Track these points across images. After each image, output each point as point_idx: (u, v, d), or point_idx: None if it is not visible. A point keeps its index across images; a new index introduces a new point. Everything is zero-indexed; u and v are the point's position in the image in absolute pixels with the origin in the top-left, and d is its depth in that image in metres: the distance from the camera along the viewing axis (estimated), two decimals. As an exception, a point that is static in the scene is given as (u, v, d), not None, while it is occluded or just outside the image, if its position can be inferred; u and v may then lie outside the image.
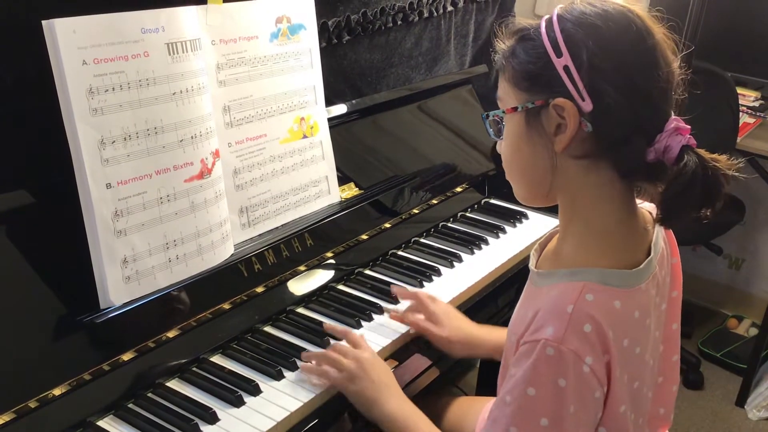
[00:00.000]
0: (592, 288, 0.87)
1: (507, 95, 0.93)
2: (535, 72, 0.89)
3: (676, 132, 0.85)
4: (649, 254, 0.93)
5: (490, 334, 1.27)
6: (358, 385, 1.08)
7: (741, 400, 2.51)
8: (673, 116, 0.88)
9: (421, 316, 1.27)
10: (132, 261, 1.08)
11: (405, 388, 1.20)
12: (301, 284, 1.32)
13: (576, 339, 0.85)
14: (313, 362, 1.12)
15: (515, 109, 0.91)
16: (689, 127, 0.86)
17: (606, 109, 0.85)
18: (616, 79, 0.85)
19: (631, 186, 0.92)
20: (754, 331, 2.82)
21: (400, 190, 1.59)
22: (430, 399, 1.45)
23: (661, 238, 0.97)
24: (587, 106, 0.85)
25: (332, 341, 1.19)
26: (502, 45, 0.94)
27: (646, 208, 0.98)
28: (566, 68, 0.86)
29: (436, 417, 1.43)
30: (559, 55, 0.86)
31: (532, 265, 1.01)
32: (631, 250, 0.93)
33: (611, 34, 0.86)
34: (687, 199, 0.85)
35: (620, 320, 0.88)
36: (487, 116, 0.96)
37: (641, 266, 0.91)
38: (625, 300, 0.89)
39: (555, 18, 0.89)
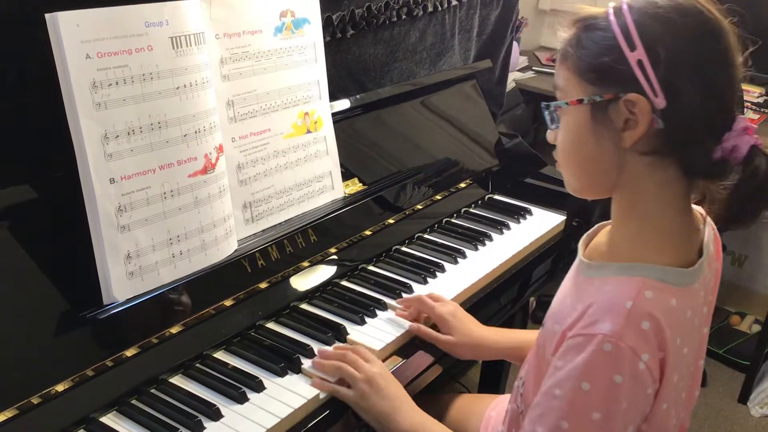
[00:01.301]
0: (651, 285, 0.86)
1: (570, 86, 0.90)
2: (605, 65, 0.86)
3: (745, 132, 0.84)
4: (701, 254, 0.92)
5: (498, 338, 1.27)
6: (370, 402, 1.07)
7: (744, 397, 2.51)
8: (740, 115, 0.86)
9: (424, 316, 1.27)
10: (135, 256, 1.07)
11: (408, 385, 1.20)
12: (305, 280, 1.31)
13: (634, 335, 0.84)
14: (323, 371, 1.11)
15: (580, 101, 0.88)
16: (755, 126, 0.85)
17: (680, 107, 0.83)
18: (693, 77, 0.83)
19: (691, 184, 0.90)
20: (757, 328, 2.82)
21: (404, 185, 1.58)
22: (433, 396, 1.45)
23: (711, 238, 0.96)
24: (660, 102, 0.83)
25: (338, 342, 1.19)
26: (563, 33, 0.91)
27: (696, 208, 0.96)
28: (640, 62, 0.83)
29: (438, 414, 1.42)
30: (632, 48, 0.83)
31: (580, 254, 0.99)
32: (686, 249, 0.92)
33: (689, 30, 0.84)
34: (759, 200, 0.85)
35: (676, 319, 0.87)
36: (548, 107, 0.93)
37: (696, 266, 0.90)
38: (680, 298, 0.88)
39: (626, 8, 0.85)
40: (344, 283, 1.37)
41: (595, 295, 0.88)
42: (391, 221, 1.52)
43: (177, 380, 1.08)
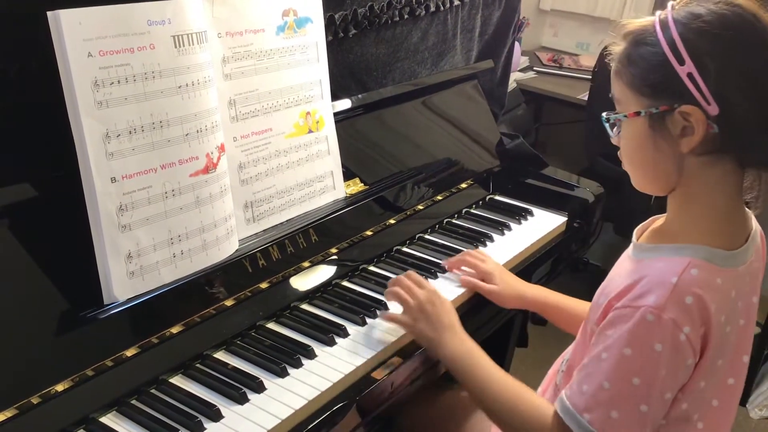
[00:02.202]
0: (698, 264, 0.93)
1: (626, 98, 0.96)
2: (657, 79, 0.91)
3: None
4: (747, 241, 0.98)
5: (539, 291, 1.37)
6: (419, 328, 1.16)
7: (743, 399, 2.51)
8: None
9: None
10: (136, 256, 1.07)
11: (409, 384, 1.20)
12: (305, 280, 1.31)
13: (677, 308, 0.90)
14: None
15: (638, 113, 0.94)
16: None
17: (733, 113, 0.88)
18: (743, 84, 0.88)
19: (744, 173, 0.95)
20: (756, 330, 2.82)
21: (405, 186, 1.58)
22: (436, 393, 1.45)
23: (758, 233, 1.02)
24: (713, 110, 0.88)
25: (339, 342, 1.18)
26: (615, 46, 0.97)
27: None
28: (690, 75, 0.88)
29: (439, 413, 1.43)
30: (681, 62, 0.89)
31: (634, 240, 1.06)
32: (734, 234, 0.98)
33: (735, 42, 0.88)
34: None
35: (720, 297, 0.93)
36: (608, 120, 0.99)
37: (740, 249, 0.96)
38: (725, 279, 0.94)
39: (671, 23, 0.90)
40: (345, 283, 1.37)
41: (646, 271, 0.95)
42: (392, 221, 1.52)
43: (177, 380, 1.08)
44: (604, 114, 1.00)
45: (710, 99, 0.88)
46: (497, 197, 1.78)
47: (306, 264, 1.32)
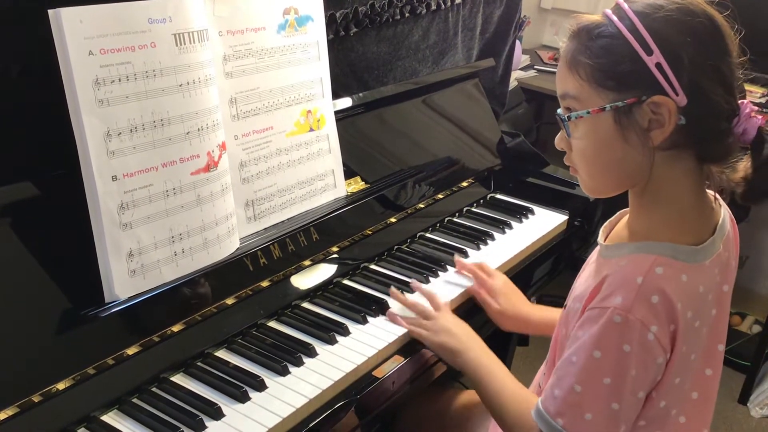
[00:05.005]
0: (662, 261, 0.92)
1: (586, 94, 0.93)
2: (623, 71, 0.89)
3: (750, 115, 0.89)
4: (714, 233, 0.97)
5: (541, 314, 1.33)
6: (443, 338, 1.17)
7: (744, 398, 2.51)
8: (743, 100, 0.91)
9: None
10: (137, 254, 1.07)
11: (412, 383, 1.20)
12: (306, 279, 1.31)
13: (643, 308, 0.90)
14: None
15: (602, 109, 0.91)
16: (756, 107, 0.90)
17: (703, 103, 0.88)
18: (713, 75, 0.88)
19: (703, 168, 0.95)
20: (757, 329, 2.81)
21: (406, 184, 1.58)
22: (435, 393, 1.45)
23: (728, 221, 1.01)
24: (682, 100, 0.87)
25: (340, 341, 1.18)
26: (566, 43, 0.95)
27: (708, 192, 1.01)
28: (658, 65, 0.87)
29: (440, 410, 1.43)
30: (649, 52, 0.87)
31: (600, 240, 1.05)
32: (699, 228, 0.97)
33: (703, 29, 0.88)
34: None
35: (687, 293, 0.92)
36: (569, 118, 0.95)
37: (706, 243, 0.95)
38: (691, 274, 0.93)
39: (631, 14, 0.89)
40: (346, 281, 1.37)
41: (611, 270, 0.94)
42: (393, 220, 1.52)
43: (178, 379, 1.08)
44: (560, 112, 0.97)
45: (678, 89, 0.87)
46: (498, 196, 1.78)
47: (307, 262, 1.32)
